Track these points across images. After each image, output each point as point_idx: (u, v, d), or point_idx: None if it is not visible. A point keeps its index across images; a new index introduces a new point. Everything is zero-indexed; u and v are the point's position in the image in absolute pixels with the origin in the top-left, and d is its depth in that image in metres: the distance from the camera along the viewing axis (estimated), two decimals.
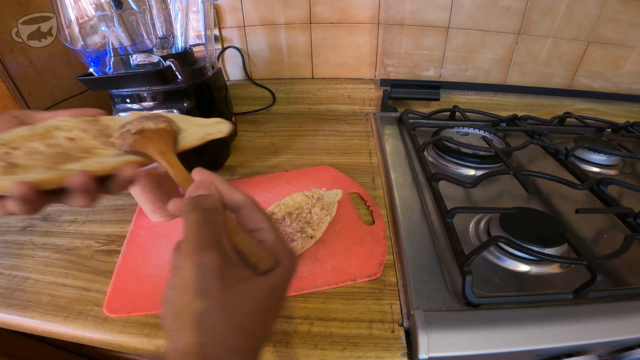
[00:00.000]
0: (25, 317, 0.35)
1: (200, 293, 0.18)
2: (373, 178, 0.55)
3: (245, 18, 0.74)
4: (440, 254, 0.40)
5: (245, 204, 0.23)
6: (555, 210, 0.48)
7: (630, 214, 0.43)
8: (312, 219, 0.43)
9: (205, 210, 0.21)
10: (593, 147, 0.59)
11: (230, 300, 0.19)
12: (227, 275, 0.19)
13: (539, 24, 0.69)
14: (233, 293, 0.19)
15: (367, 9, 0.71)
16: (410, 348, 0.31)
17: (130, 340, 0.33)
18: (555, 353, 0.31)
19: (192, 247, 0.19)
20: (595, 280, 0.33)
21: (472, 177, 0.52)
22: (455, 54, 0.75)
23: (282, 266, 0.22)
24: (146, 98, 0.51)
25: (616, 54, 0.72)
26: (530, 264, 0.38)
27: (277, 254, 0.22)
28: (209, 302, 0.18)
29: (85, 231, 0.46)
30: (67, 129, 0.23)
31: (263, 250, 0.22)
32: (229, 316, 0.19)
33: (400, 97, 0.77)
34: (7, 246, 0.44)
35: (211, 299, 0.18)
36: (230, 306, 0.19)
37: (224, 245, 0.20)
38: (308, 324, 0.34)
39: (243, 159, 0.62)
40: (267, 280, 0.21)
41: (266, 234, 0.23)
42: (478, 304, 0.33)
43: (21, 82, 0.58)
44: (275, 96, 0.82)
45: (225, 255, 0.20)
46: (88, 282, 0.39)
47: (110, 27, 0.46)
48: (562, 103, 0.78)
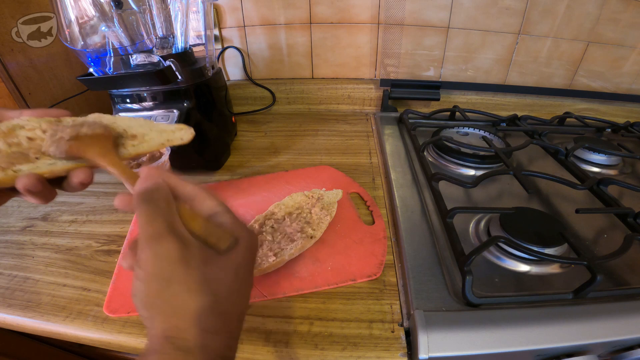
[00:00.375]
0: (25, 317, 0.35)
1: (165, 280, 0.19)
2: (373, 178, 0.55)
3: (245, 18, 0.74)
4: (440, 254, 0.40)
5: (196, 193, 0.24)
6: (555, 210, 0.48)
7: (630, 214, 0.43)
8: (312, 219, 0.43)
9: (155, 200, 0.21)
10: (593, 147, 0.59)
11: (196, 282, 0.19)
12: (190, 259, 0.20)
13: (539, 24, 0.69)
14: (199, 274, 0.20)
15: (367, 9, 0.71)
16: (410, 348, 0.31)
17: (130, 340, 0.33)
18: (555, 353, 0.31)
19: (148, 237, 0.20)
20: (595, 280, 0.33)
21: (472, 177, 0.52)
22: (455, 54, 0.75)
23: (242, 243, 0.23)
24: (146, 98, 0.51)
25: (616, 54, 0.72)
26: (530, 264, 0.38)
27: (235, 232, 0.23)
28: (176, 287, 0.19)
29: (85, 231, 0.46)
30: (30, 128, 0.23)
31: (221, 230, 0.22)
32: (198, 297, 0.19)
33: (400, 97, 0.77)
34: (7, 246, 0.44)
35: (177, 283, 0.19)
36: (197, 288, 0.19)
37: (181, 231, 0.21)
38: (308, 324, 0.34)
39: (243, 159, 0.62)
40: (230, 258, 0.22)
41: (223, 216, 0.23)
42: (478, 304, 0.33)
43: (21, 82, 0.59)
44: (275, 96, 0.82)
45: (184, 240, 0.20)
46: (88, 282, 0.39)
47: (110, 27, 0.46)
48: (562, 103, 0.78)
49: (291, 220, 0.43)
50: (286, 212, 0.44)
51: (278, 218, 0.43)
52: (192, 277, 0.19)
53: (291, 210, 0.45)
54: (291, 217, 0.43)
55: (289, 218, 0.43)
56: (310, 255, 0.40)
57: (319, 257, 0.40)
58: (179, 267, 0.19)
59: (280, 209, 0.45)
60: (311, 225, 0.42)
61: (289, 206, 0.45)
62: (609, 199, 0.46)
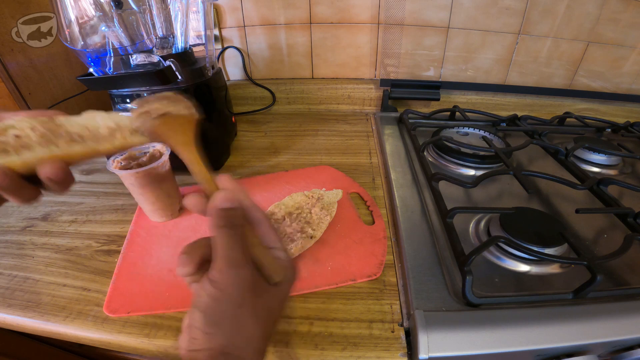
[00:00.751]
0: (25, 317, 0.35)
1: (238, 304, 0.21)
2: (373, 178, 0.55)
3: (245, 18, 0.74)
4: (440, 254, 0.40)
5: (263, 221, 0.25)
6: (555, 210, 0.48)
7: (630, 214, 0.43)
8: (312, 219, 0.43)
9: (236, 226, 0.23)
10: (593, 147, 0.59)
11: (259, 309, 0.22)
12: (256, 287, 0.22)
13: (539, 24, 0.69)
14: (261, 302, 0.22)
15: (367, 9, 0.71)
16: (410, 348, 0.31)
17: (130, 340, 0.33)
18: (555, 353, 0.31)
19: (229, 262, 0.22)
20: (595, 280, 0.33)
21: (472, 177, 0.52)
22: (455, 54, 0.75)
23: (291, 280, 0.25)
24: None
25: (616, 54, 0.72)
26: (530, 264, 0.38)
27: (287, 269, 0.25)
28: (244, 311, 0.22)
29: (85, 231, 0.46)
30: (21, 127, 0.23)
31: (278, 264, 0.24)
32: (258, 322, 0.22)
33: (400, 97, 0.77)
34: (7, 246, 0.44)
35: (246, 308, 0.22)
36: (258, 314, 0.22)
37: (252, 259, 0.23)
38: (308, 324, 0.34)
39: (243, 159, 0.62)
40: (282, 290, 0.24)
41: (279, 252, 0.25)
42: (478, 304, 0.33)
43: (21, 82, 0.59)
44: (275, 96, 0.82)
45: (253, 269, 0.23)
46: (88, 282, 0.39)
47: (110, 27, 0.46)
48: (562, 103, 0.78)
49: (291, 220, 0.43)
50: (286, 212, 0.44)
51: (278, 218, 0.43)
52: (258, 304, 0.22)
53: (291, 210, 0.45)
54: (291, 217, 0.43)
55: (289, 218, 0.43)
56: (310, 255, 0.40)
57: (319, 257, 0.40)
58: (249, 294, 0.22)
59: (280, 209, 0.45)
60: (311, 225, 0.42)
61: (289, 206, 0.45)
62: (609, 199, 0.46)
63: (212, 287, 0.21)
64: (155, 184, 0.42)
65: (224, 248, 0.22)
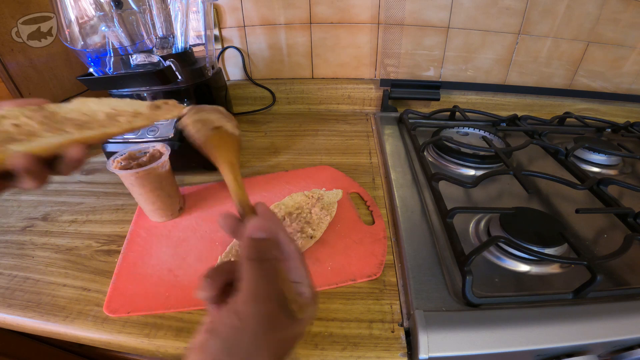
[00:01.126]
0: (25, 317, 0.35)
1: (256, 336, 0.21)
2: (373, 178, 0.55)
3: (245, 18, 0.74)
4: (440, 254, 0.40)
5: (294, 256, 0.25)
6: (555, 210, 0.48)
7: (630, 214, 0.43)
8: (312, 219, 0.43)
9: (269, 261, 0.23)
10: (593, 147, 0.59)
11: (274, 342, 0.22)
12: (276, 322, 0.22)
13: (539, 24, 0.69)
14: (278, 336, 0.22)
15: (367, 9, 0.71)
16: (410, 348, 0.31)
17: (130, 340, 0.33)
18: (555, 353, 0.31)
19: (255, 296, 0.22)
20: (595, 280, 0.33)
21: (472, 177, 0.52)
22: (455, 54, 0.75)
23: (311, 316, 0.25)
24: (146, 98, 0.51)
25: (616, 54, 0.72)
26: (530, 264, 0.38)
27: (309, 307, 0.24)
28: (261, 343, 0.21)
29: (85, 231, 0.46)
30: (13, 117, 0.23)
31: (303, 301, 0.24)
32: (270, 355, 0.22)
33: (400, 97, 0.77)
34: (7, 246, 0.44)
35: (263, 342, 0.21)
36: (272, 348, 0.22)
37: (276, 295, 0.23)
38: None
39: (243, 159, 0.62)
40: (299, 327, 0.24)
41: (305, 288, 0.25)
42: (478, 304, 0.33)
43: (21, 82, 0.59)
44: (275, 96, 0.82)
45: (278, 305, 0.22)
46: (88, 282, 0.39)
47: (110, 27, 0.46)
48: (562, 103, 0.78)
49: (291, 220, 0.43)
50: (286, 212, 0.44)
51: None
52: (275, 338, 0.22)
53: (291, 210, 0.45)
54: (291, 217, 0.43)
55: (289, 218, 0.43)
56: (310, 255, 0.40)
57: (319, 257, 0.40)
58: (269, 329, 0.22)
59: (280, 209, 0.45)
60: (311, 225, 0.42)
61: (289, 206, 0.45)
62: (609, 199, 0.46)
63: (235, 318, 0.21)
64: (155, 184, 0.42)
65: (251, 281, 0.22)
